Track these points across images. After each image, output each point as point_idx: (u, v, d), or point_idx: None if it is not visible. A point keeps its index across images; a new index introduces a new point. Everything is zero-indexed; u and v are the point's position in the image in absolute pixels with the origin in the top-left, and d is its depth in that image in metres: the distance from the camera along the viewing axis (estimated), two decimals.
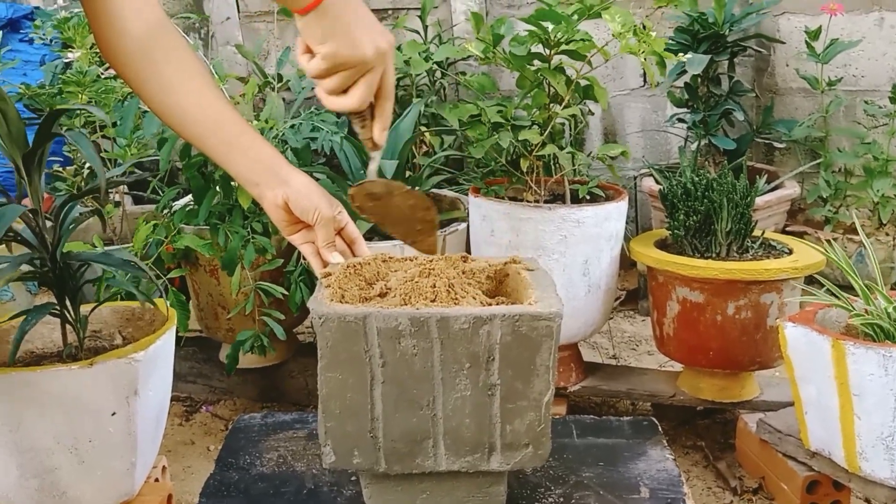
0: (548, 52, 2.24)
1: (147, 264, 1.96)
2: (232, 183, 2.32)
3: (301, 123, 2.40)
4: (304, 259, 2.37)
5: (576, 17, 2.13)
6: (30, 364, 1.75)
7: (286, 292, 2.35)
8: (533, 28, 2.18)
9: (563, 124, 2.51)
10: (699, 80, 3.05)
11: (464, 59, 3.15)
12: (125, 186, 2.90)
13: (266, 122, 2.41)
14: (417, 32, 3.13)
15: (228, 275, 2.31)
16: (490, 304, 1.35)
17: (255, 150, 1.30)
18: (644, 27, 2.12)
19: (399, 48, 2.98)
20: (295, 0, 1.11)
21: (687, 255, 2.25)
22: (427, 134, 2.79)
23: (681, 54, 2.27)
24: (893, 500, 1.75)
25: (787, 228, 3.03)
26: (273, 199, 1.31)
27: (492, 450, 1.32)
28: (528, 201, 2.34)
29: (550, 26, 2.17)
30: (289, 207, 1.31)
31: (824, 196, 3.01)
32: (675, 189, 2.29)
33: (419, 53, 2.83)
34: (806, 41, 3.01)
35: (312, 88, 3.52)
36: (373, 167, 1.35)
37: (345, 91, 1.19)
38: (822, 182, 3.01)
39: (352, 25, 1.13)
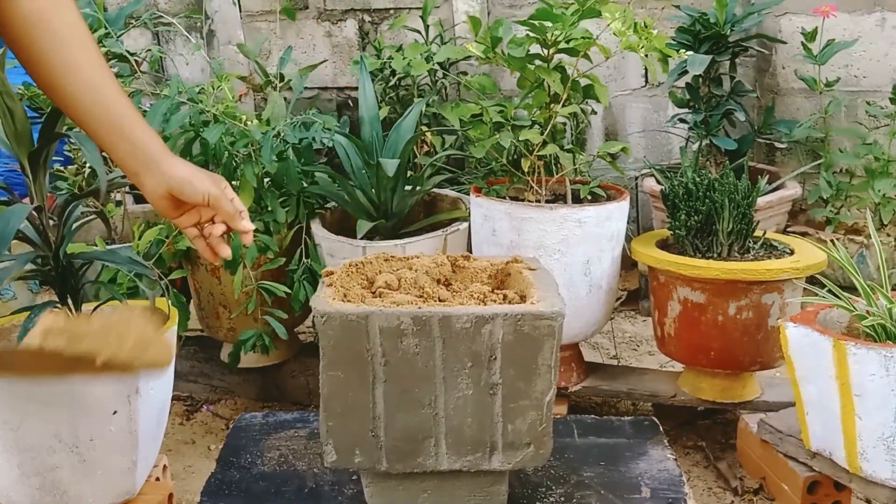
0: (547, 51, 2.24)
1: (149, 264, 1.97)
2: (233, 182, 2.32)
3: (302, 122, 2.40)
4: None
5: (575, 17, 2.13)
6: None
7: (289, 290, 2.35)
8: (531, 28, 2.18)
9: (564, 124, 2.51)
10: (700, 80, 3.04)
11: (465, 58, 3.15)
12: (127, 186, 2.90)
13: (267, 121, 2.41)
14: (419, 32, 3.13)
15: (230, 274, 2.31)
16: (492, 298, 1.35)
17: (136, 136, 1.27)
18: (645, 25, 2.12)
19: (400, 49, 2.99)
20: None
21: (688, 255, 2.25)
22: (428, 133, 2.79)
23: (682, 51, 2.27)
24: (894, 500, 1.75)
25: (789, 229, 3.02)
26: (153, 187, 1.28)
27: (493, 449, 1.33)
28: (529, 201, 2.34)
29: (549, 25, 2.17)
30: (170, 195, 1.28)
31: (825, 197, 3.01)
32: (677, 189, 2.29)
33: (420, 55, 2.84)
34: (802, 43, 3.01)
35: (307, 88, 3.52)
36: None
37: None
38: (823, 183, 3.01)
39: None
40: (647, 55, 2.14)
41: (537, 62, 2.27)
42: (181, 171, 1.28)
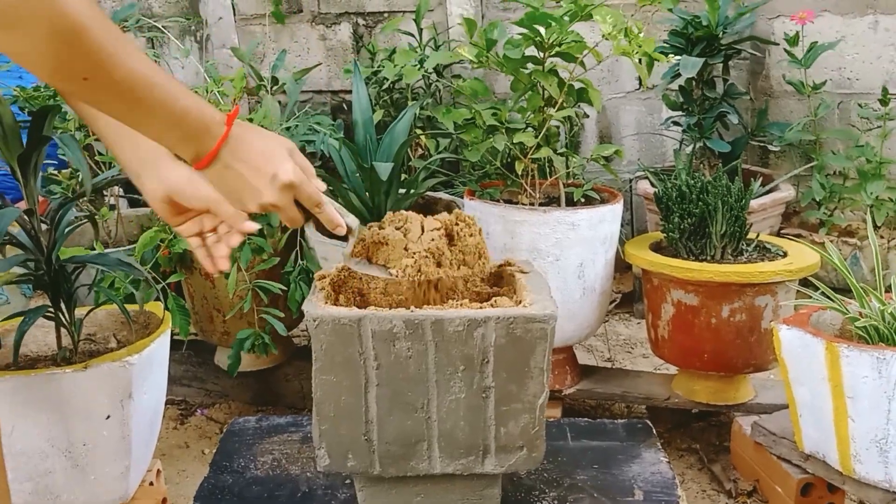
0: (541, 54, 2.24)
1: (146, 269, 1.97)
2: None
3: (297, 125, 2.40)
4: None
5: (567, 18, 2.14)
6: (24, 367, 1.74)
7: (284, 288, 2.34)
8: (526, 31, 2.19)
9: (558, 127, 2.51)
10: (694, 83, 3.05)
11: (459, 61, 3.16)
12: (120, 189, 2.90)
13: (261, 124, 2.41)
14: (412, 35, 3.13)
15: (225, 277, 2.31)
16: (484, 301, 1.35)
17: (138, 138, 1.21)
18: (638, 30, 2.12)
19: (392, 55, 2.98)
20: (188, 153, 1.12)
21: (682, 257, 2.25)
22: (422, 137, 2.79)
23: (671, 55, 2.28)
24: (887, 502, 1.75)
25: (782, 231, 3.03)
26: (153, 191, 1.26)
27: (486, 452, 1.33)
28: (523, 204, 2.34)
29: (543, 29, 2.17)
30: (171, 200, 1.26)
31: (818, 199, 3.01)
32: (670, 192, 2.29)
33: (412, 61, 2.84)
34: (785, 49, 3.02)
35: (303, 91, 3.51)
36: (347, 250, 1.34)
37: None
38: (817, 185, 3.01)
39: (234, 186, 1.15)
40: (640, 60, 2.14)
41: (531, 65, 2.27)
42: (182, 173, 1.25)
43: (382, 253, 1.35)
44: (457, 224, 1.40)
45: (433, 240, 1.36)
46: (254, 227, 1.30)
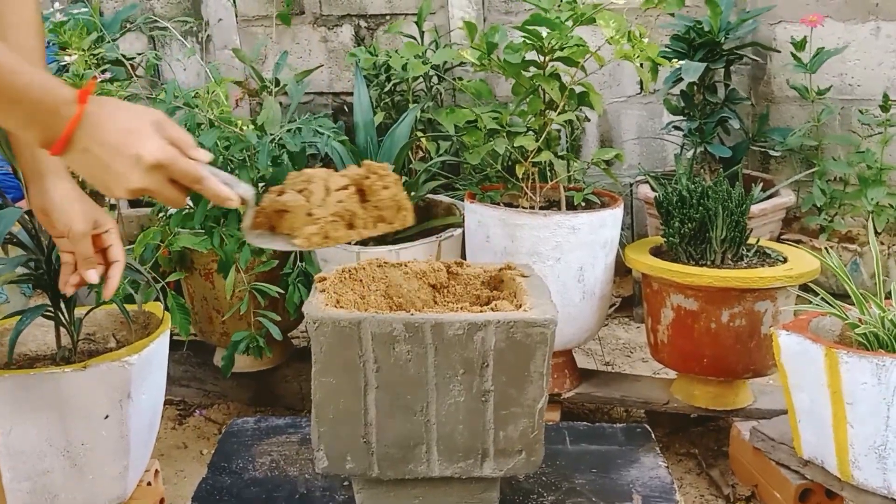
0: (542, 58, 2.25)
1: (145, 268, 1.96)
2: None
3: (301, 128, 2.40)
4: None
5: (570, 23, 2.14)
6: (23, 366, 1.74)
7: (282, 291, 2.34)
8: (527, 36, 2.19)
9: (559, 131, 2.51)
10: (695, 87, 3.05)
11: (461, 64, 3.16)
12: None
13: (262, 126, 2.41)
14: (414, 38, 3.14)
15: (223, 278, 2.31)
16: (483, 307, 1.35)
17: (36, 150, 1.23)
18: (640, 34, 2.12)
19: (396, 50, 2.99)
20: (37, 137, 1.02)
21: (682, 262, 2.25)
22: (423, 139, 2.79)
23: (675, 60, 2.28)
24: None
25: (783, 237, 3.03)
26: (33, 198, 1.27)
27: (485, 456, 1.33)
28: (523, 207, 2.34)
29: (545, 33, 2.17)
30: (46, 213, 1.27)
31: (819, 205, 3.01)
32: (671, 196, 2.29)
33: (417, 56, 2.84)
34: (792, 53, 3.02)
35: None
36: (246, 223, 1.22)
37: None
38: (817, 191, 3.01)
39: (96, 171, 1.05)
40: (641, 64, 2.14)
41: (532, 69, 2.28)
42: (58, 195, 1.26)
43: (286, 222, 1.21)
44: (367, 178, 1.27)
45: (341, 200, 1.23)
46: (93, 278, 1.31)
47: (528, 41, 2.21)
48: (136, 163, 1.02)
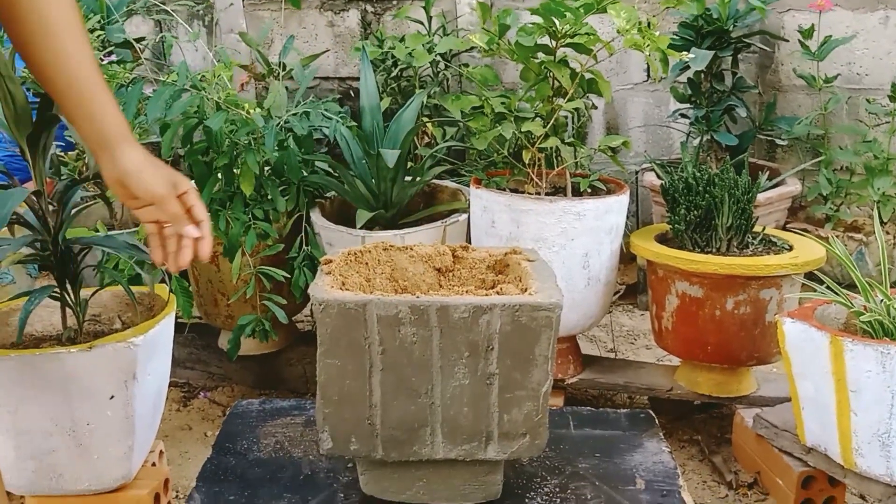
0: (554, 44, 2.24)
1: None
2: (234, 170, 2.32)
3: (310, 112, 2.40)
4: (306, 246, 2.37)
5: (582, 10, 2.13)
6: (29, 346, 1.75)
7: (287, 275, 2.35)
8: (540, 20, 2.18)
9: (566, 117, 2.51)
10: (702, 75, 3.04)
11: (467, 50, 3.15)
12: None
13: (269, 110, 2.41)
14: (421, 23, 3.13)
15: (229, 261, 2.31)
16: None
17: (100, 119, 1.26)
18: (650, 24, 2.12)
19: (402, 39, 2.98)
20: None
21: (687, 249, 2.25)
22: (429, 125, 2.79)
23: (685, 53, 2.27)
24: (889, 496, 1.75)
25: (788, 226, 3.02)
26: (108, 174, 1.27)
27: (489, 439, 1.33)
28: (529, 193, 2.34)
29: (558, 19, 2.17)
30: (123, 184, 1.27)
31: (825, 194, 3.01)
32: (677, 184, 2.29)
33: (422, 45, 2.83)
34: (799, 40, 3.01)
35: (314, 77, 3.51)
36: None
37: None
38: (823, 180, 3.01)
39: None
40: (650, 54, 2.14)
41: (541, 54, 2.27)
42: (132, 162, 1.27)
43: None
44: None
45: None
46: (195, 232, 1.30)
47: (539, 26, 2.20)
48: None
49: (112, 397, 1.66)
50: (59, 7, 1.25)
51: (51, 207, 1.67)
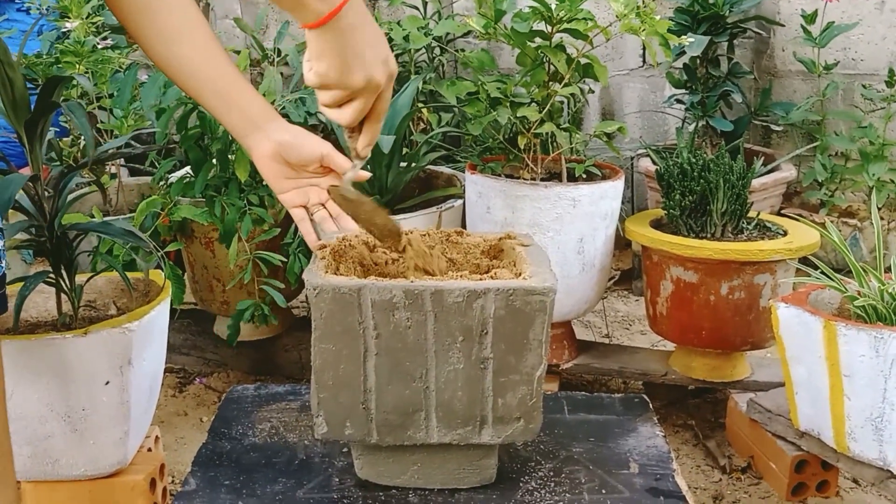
0: (550, 29, 2.24)
1: (145, 236, 1.97)
2: (230, 156, 2.32)
3: (305, 98, 2.40)
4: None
5: None
6: (24, 332, 1.75)
7: (284, 260, 2.35)
8: (536, 4, 2.18)
9: (562, 103, 2.51)
10: (698, 61, 3.04)
11: (463, 35, 3.14)
12: (122, 158, 2.89)
13: (264, 95, 2.40)
14: (417, 8, 3.12)
15: (226, 247, 2.31)
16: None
17: (245, 102, 1.28)
18: (650, 11, 2.11)
19: (398, 22, 2.97)
20: (302, 13, 1.11)
21: (682, 234, 2.26)
22: (425, 110, 2.79)
23: (684, 37, 2.27)
24: (881, 480, 1.76)
25: (783, 211, 3.03)
26: (262, 151, 1.29)
27: (483, 423, 1.33)
28: (524, 179, 2.34)
29: (554, 3, 2.17)
30: (281, 158, 1.29)
31: (820, 180, 3.01)
32: (672, 169, 2.29)
33: (418, 29, 2.83)
34: (802, 25, 3.01)
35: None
36: (350, 175, 1.33)
37: (340, 104, 1.20)
38: (819, 165, 3.01)
39: (349, 51, 1.14)
40: (647, 38, 2.14)
41: (538, 39, 2.27)
42: (286, 134, 1.29)
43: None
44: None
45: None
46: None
47: (535, 11, 2.20)
48: (384, 62, 1.17)
49: (107, 383, 1.66)
50: (192, 3, 1.28)
51: (47, 193, 1.67)
